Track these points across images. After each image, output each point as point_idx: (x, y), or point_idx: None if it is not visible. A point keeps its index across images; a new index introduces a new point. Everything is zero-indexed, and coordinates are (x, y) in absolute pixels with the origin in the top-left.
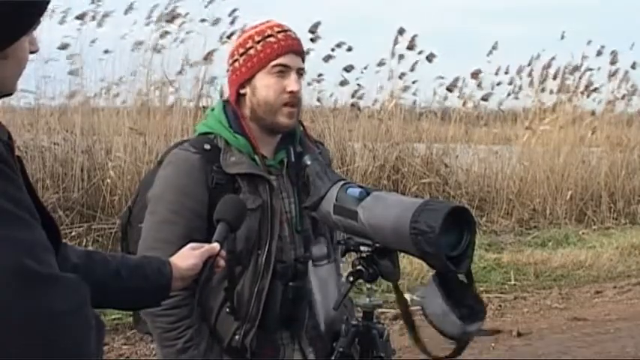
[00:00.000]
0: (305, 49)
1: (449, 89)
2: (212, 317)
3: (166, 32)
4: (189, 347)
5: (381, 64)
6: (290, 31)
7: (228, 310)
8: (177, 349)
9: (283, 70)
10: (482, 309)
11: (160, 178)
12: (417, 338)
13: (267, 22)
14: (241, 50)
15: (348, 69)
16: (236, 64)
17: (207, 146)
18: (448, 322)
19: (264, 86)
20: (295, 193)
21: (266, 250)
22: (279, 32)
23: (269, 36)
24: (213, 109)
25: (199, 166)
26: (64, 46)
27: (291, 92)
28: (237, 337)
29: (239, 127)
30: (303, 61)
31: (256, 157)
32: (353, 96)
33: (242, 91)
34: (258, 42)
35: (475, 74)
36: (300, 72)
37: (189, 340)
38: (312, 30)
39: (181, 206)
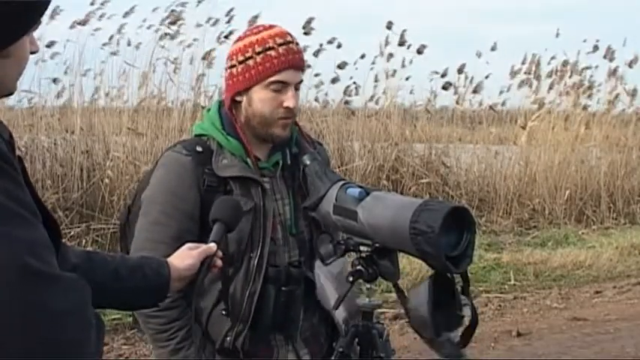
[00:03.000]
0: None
1: (444, 87)
2: (204, 318)
3: (166, 34)
4: (181, 348)
5: (373, 62)
6: (292, 42)
7: (223, 312)
8: (169, 350)
9: (281, 86)
10: (459, 319)
11: (153, 179)
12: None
13: (271, 28)
14: (240, 57)
15: (342, 66)
16: (234, 70)
17: (199, 148)
18: (425, 327)
19: (260, 100)
20: (290, 195)
21: (258, 253)
22: (280, 45)
23: (270, 48)
24: (209, 110)
25: (191, 169)
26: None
27: (287, 108)
28: (228, 338)
29: (232, 129)
30: (303, 72)
31: (249, 160)
32: (345, 93)
33: (238, 99)
34: (259, 53)
35: (460, 70)
36: (298, 85)
37: (181, 342)
38: (305, 27)
39: (173, 208)
